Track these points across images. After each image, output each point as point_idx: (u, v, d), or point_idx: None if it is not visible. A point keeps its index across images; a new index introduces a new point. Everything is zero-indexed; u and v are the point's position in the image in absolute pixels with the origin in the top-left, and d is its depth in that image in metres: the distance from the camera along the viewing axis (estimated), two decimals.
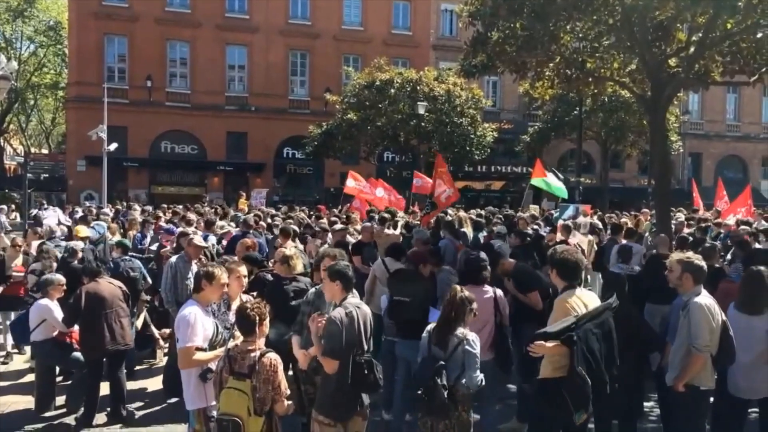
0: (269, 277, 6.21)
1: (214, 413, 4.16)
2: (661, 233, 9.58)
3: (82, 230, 9.70)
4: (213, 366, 4.27)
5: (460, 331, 4.35)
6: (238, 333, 4.23)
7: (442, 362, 4.25)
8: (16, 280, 8.38)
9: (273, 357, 3.93)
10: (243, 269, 5.11)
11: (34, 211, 19.01)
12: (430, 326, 4.54)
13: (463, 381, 4.23)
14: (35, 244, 9.17)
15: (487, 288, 5.55)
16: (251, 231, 9.93)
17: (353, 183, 16.37)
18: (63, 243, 9.76)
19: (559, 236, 9.62)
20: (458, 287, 4.58)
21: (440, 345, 4.35)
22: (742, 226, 10.37)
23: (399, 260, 6.79)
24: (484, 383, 4.35)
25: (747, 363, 4.79)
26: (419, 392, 4.27)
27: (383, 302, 6.15)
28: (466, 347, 4.28)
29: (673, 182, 26.26)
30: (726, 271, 7.26)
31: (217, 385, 4.04)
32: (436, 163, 13.28)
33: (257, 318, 3.97)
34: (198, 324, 4.34)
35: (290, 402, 4.06)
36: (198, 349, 4.32)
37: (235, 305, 4.86)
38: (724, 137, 38.96)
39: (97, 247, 9.15)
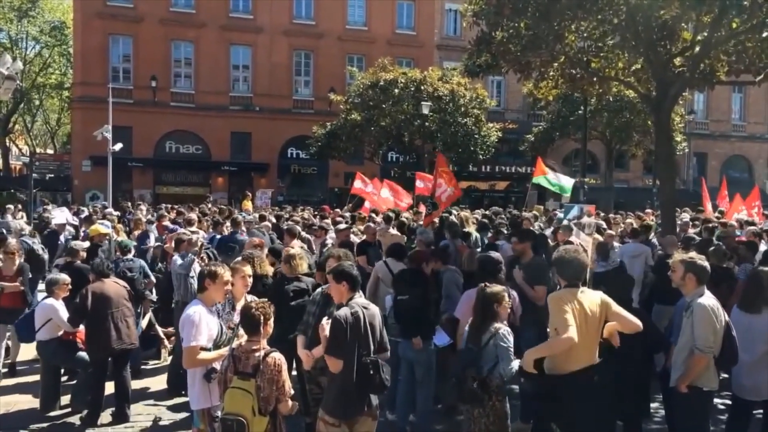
0: None
1: (219, 413, 4.17)
2: (667, 234, 9.56)
3: (101, 229, 9.56)
4: (217, 366, 4.28)
5: (493, 325, 4.52)
6: (242, 332, 4.24)
7: (475, 354, 4.48)
8: (10, 290, 7.39)
9: (277, 357, 3.94)
10: (247, 269, 5.09)
11: (39, 210, 19.06)
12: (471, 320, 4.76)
13: (500, 372, 4.41)
14: None
15: None
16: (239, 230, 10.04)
17: (360, 184, 16.42)
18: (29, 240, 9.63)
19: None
20: (483, 285, 4.74)
21: (474, 340, 4.56)
22: (749, 227, 10.33)
23: (401, 261, 6.79)
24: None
25: (749, 363, 4.80)
26: (452, 380, 4.55)
27: (387, 302, 6.16)
28: (498, 341, 4.44)
29: (678, 182, 26.21)
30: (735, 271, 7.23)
31: (221, 385, 4.05)
32: (437, 163, 13.29)
33: (262, 317, 3.97)
34: (203, 323, 4.35)
35: (294, 402, 4.06)
36: (203, 348, 4.33)
37: (239, 305, 4.87)
38: (730, 137, 38.79)
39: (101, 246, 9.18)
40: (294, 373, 5.59)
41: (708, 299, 4.53)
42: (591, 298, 4.29)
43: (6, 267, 7.49)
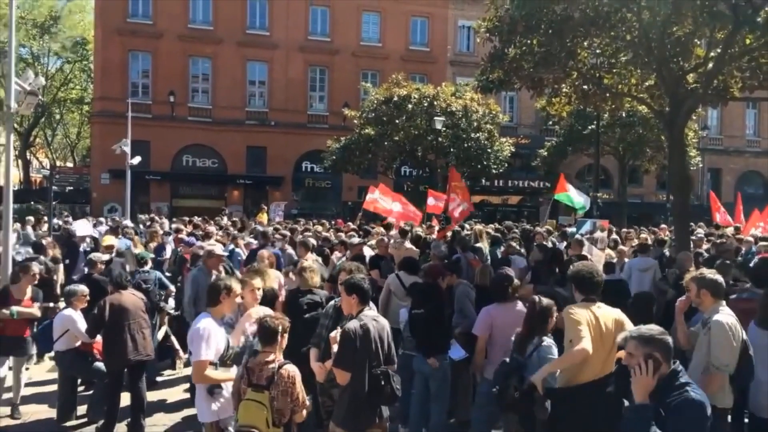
0: None
1: (232, 424, 4.23)
2: (681, 249, 9.51)
3: (109, 239, 9.72)
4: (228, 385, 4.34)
5: (538, 337, 4.58)
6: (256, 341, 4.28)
7: (520, 363, 4.50)
8: (25, 316, 6.67)
9: (291, 369, 3.99)
10: (257, 281, 5.14)
11: (59, 223, 19.31)
12: (518, 330, 4.80)
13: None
14: None
15: (519, 304, 5.56)
16: (269, 243, 10.12)
17: (372, 196, 16.46)
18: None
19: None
20: (536, 298, 4.77)
21: (520, 351, 4.60)
22: (762, 243, 10.26)
23: (414, 274, 6.82)
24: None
25: (766, 381, 4.74)
26: (494, 390, 4.56)
27: (402, 316, 6.17)
28: (542, 354, 4.48)
29: (692, 198, 25.95)
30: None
31: (235, 397, 4.10)
32: (450, 177, 13.33)
33: (280, 327, 4.03)
34: (211, 338, 4.39)
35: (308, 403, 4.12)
36: (211, 363, 4.37)
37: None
38: (744, 153, 38.45)
39: (120, 258, 9.32)
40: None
41: (725, 316, 4.47)
42: (607, 313, 4.32)
43: (18, 292, 6.77)
